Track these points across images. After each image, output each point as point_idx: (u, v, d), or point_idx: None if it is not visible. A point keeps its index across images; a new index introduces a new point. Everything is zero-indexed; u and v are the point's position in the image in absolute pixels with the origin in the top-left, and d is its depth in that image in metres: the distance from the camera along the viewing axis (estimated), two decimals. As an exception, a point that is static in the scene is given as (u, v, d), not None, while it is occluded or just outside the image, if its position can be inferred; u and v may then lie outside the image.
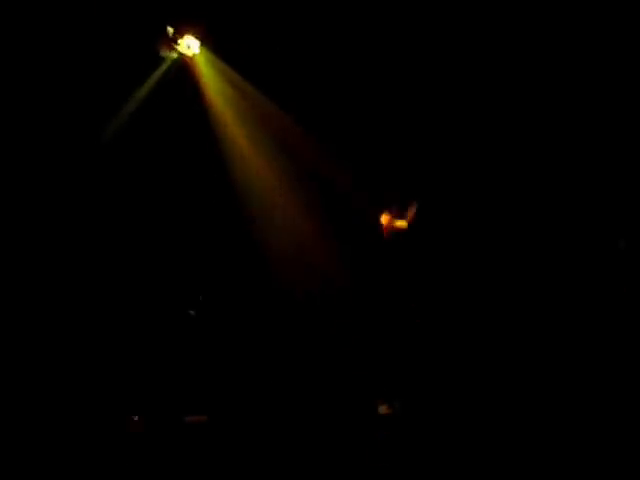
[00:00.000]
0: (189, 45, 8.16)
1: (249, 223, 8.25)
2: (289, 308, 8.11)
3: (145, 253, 8.25)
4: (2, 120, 7.84)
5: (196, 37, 8.15)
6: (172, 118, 8.26)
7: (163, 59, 8.22)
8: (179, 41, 8.14)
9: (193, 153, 8.35)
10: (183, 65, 8.27)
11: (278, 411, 7.70)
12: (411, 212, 7.99)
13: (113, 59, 8.01)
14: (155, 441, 7.41)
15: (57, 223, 8.00)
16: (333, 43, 8.07)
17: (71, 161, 7.99)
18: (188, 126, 8.32)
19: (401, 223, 7.98)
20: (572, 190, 7.89)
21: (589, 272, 7.74)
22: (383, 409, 7.55)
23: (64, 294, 7.92)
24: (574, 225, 7.86)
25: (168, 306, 8.12)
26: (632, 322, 7.42)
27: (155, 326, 8.03)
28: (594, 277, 7.71)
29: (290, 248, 8.16)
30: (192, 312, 8.24)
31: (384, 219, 8.01)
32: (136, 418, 7.50)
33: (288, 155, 8.32)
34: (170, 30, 8.14)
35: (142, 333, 7.97)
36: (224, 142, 8.35)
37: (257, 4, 8.02)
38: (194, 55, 8.23)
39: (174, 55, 8.22)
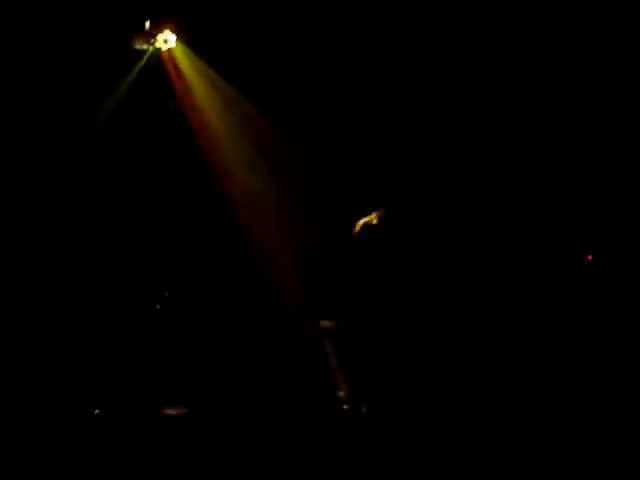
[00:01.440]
0: (166, 39, 8.23)
1: (223, 218, 8.25)
2: (265, 304, 8.12)
3: (118, 251, 8.23)
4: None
5: (172, 31, 8.19)
6: (148, 111, 8.30)
7: (140, 52, 8.22)
8: (156, 35, 8.16)
9: (169, 146, 8.37)
10: (159, 59, 8.29)
11: (255, 405, 7.70)
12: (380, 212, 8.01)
13: (90, 53, 8.02)
14: (132, 434, 7.36)
15: (29, 224, 7.98)
16: (310, 40, 8.14)
17: (48, 158, 7.96)
18: (164, 119, 8.35)
19: (370, 217, 7.97)
20: (569, 190, 8.00)
21: (582, 272, 7.86)
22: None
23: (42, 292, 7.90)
24: (568, 226, 7.98)
25: (144, 300, 8.11)
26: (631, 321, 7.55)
27: (131, 319, 8.02)
28: (589, 277, 7.84)
29: (263, 244, 8.19)
30: (158, 306, 8.24)
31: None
32: (97, 412, 7.46)
33: (262, 150, 8.35)
34: (147, 24, 8.15)
35: (118, 327, 7.95)
36: (199, 135, 8.36)
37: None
38: (170, 49, 8.25)
39: (150, 49, 8.23)
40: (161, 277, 8.30)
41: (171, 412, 7.54)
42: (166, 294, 8.25)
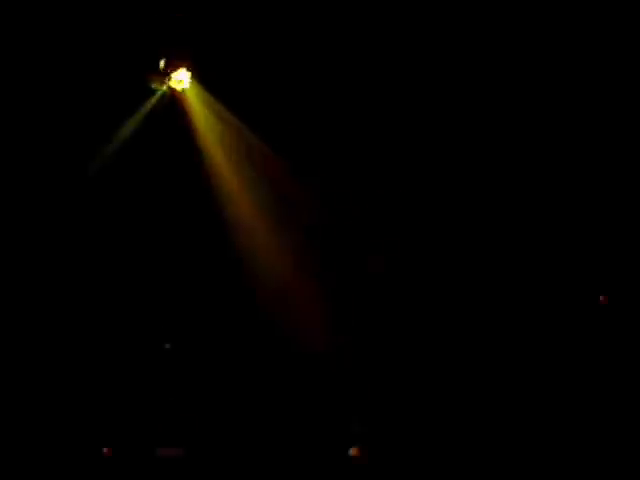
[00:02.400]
0: (180, 79, 8.23)
1: (234, 261, 8.29)
2: (268, 344, 8.17)
3: (126, 287, 8.32)
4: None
5: (187, 71, 8.21)
6: (160, 151, 8.31)
7: (153, 92, 8.27)
8: (170, 74, 8.21)
9: (180, 185, 8.40)
10: (173, 98, 8.31)
11: (254, 445, 7.78)
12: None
13: (104, 89, 8.09)
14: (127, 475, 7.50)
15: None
16: (322, 82, 8.14)
17: (56, 193, 8.08)
18: (176, 160, 8.37)
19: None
20: (567, 193, 7.94)
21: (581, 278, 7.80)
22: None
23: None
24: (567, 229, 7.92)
25: (144, 339, 8.20)
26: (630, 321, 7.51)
27: (130, 359, 8.12)
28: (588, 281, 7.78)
29: (273, 287, 8.22)
30: (167, 345, 8.32)
31: None
32: (105, 450, 7.59)
33: (275, 193, 8.37)
34: (162, 63, 8.20)
35: (117, 364, 8.06)
36: (211, 176, 8.40)
37: (246, 42, 8.09)
38: (184, 89, 8.28)
39: (164, 88, 8.27)
40: (166, 316, 8.39)
41: (168, 453, 7.68)
42: (167, 346, 8.31)
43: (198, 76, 8.25)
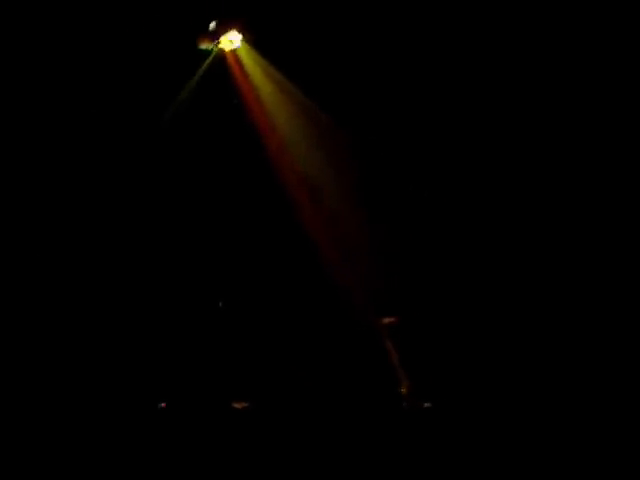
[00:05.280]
0: (231, 39, 8.29)
1: (287, 215, 8.37)
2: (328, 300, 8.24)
3: (173, 248, 8.37)
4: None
5: (238, 31, 8.27)
6: (212, 110, 8.37)
7: (205, 52, 8.32)
8: (222, 35, 8.27)
9: (232, 148, 8.44)
10: (224, 58, 8.38)
11: (318, 400, 7.84)
12: None
13: (156, 53, 8.13)
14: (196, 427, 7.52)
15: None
16: (381, 44, 8.22)
17: (114, 157, 8.11)
18: (227, 119, 8.43)
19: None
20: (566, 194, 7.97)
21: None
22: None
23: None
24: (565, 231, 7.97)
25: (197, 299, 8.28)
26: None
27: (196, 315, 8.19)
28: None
29: (324, 233, 8.29)
30: (221, 304, 8.37)
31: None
32: (163, 405, 7.62)
33: (324, 153, 8.46)
34: (212, 24, 8.26)
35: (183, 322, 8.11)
36: (263, 136, 8.48)
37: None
38: (235, 49, 8.35)
39: (215, 49, 8.32)
40: (224, 277, 8.43)
41: (237, 406, 7.72)
42: (220, 304, 8.37)
43: (249, 37, 8.32)
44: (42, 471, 7.05)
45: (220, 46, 8.35)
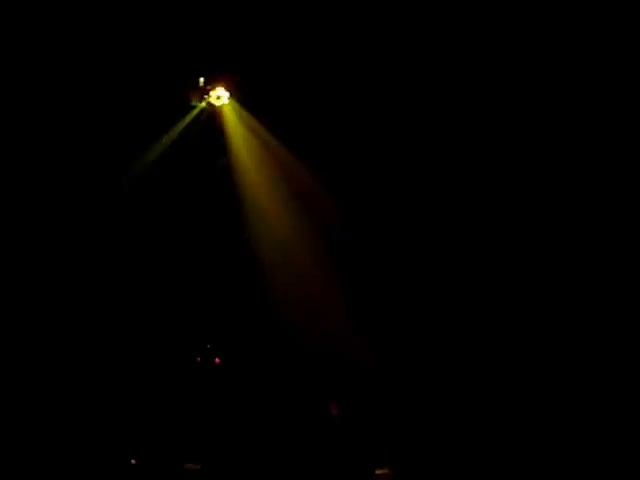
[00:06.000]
0: (219, 96, 8.39)
1: (261, 271, 8.37)
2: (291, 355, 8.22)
3: (156, 298, 8.44)
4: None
5: (226, 89, 8.38)
6: (196, 162, 8.52)
7: (193, 107, 8.44)
8: (210, 91, 8.36)
9: (213, 199, 8.53)
10: (211, 114, 8.51)
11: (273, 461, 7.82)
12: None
13: (145, 105, 8.26)
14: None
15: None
16: (355, 104, 8.21)
17: (95, 201, 8.25)
18: (210, 171, 8.53)
19: None
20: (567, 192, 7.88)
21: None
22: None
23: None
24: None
25: (173, 352, 8.29)
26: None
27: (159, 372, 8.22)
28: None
29: (299, 297, 8.27)
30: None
31: None
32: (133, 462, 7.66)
33: (305, 208, 8.45)
34: (202, 80, 8.37)
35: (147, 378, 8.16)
36: (244, 189, 8.52)
37: (283, 60, 8.21)
38: (223, 105, 8.44)
39: (203, 104, 8.44)
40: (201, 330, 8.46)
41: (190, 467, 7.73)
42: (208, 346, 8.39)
43: (236, 94, 8.39)
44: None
45: (209, 101, 8.43)
